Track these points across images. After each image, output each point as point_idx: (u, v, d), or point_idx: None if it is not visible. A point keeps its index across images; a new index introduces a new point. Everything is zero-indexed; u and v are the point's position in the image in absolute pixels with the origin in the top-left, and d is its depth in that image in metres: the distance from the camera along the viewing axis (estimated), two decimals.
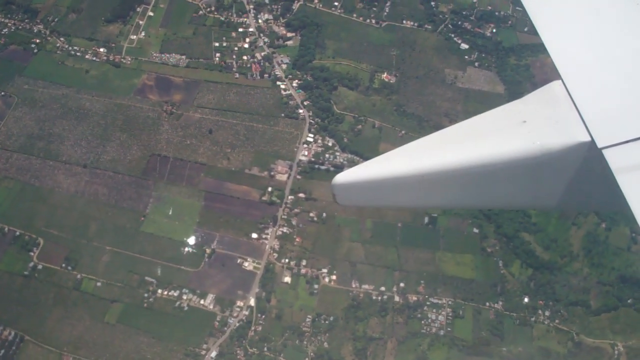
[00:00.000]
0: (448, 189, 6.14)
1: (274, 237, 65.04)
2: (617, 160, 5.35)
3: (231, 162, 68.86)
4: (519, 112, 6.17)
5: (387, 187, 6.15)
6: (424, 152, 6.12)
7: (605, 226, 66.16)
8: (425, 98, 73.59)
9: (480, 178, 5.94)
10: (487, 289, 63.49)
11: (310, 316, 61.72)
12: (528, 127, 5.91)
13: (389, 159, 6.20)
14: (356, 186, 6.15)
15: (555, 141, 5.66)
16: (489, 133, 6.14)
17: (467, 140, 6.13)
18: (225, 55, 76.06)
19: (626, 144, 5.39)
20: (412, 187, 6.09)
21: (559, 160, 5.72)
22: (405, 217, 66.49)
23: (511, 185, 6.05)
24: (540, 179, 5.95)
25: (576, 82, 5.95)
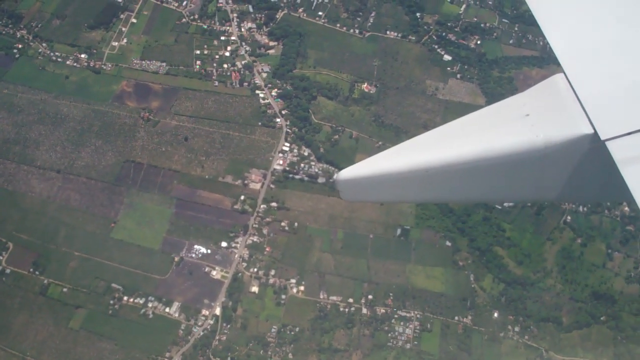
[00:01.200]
0: (451, 183, 6.35)
1: (243, 246, 66.20)
2: (620, 152, 5.49)
3: (205, 169, 70.19)
4: (522, 105, 6.34)
5: (391, 182, 6.41)
6: (427, 147, 6.37)
7: (580, 242, 66.80)
8: (405, 109, 74.60)
9: (484, 171, 6.13)
10: (457, 303, 64.10)
11: (275, 327, 62.67)
12: (531, 120, 6.07)
13: (393, 154, 6.51)
14: (360, 182, 6.52)
15: (559, 134, 5.81)
16: (493, 127, 6.34)
17: (470, 134, 6.35)
18: (205, 63, 77.63)
19: (629, 135, 5.52)
20: (415, 181, 6.32)
21: (562, 153, 5.86)
22: (377, 228, 67.45)
23: (515, 178, 6.24)
24: (544, 172, 6.11)
25: (578, 75, 6.09)
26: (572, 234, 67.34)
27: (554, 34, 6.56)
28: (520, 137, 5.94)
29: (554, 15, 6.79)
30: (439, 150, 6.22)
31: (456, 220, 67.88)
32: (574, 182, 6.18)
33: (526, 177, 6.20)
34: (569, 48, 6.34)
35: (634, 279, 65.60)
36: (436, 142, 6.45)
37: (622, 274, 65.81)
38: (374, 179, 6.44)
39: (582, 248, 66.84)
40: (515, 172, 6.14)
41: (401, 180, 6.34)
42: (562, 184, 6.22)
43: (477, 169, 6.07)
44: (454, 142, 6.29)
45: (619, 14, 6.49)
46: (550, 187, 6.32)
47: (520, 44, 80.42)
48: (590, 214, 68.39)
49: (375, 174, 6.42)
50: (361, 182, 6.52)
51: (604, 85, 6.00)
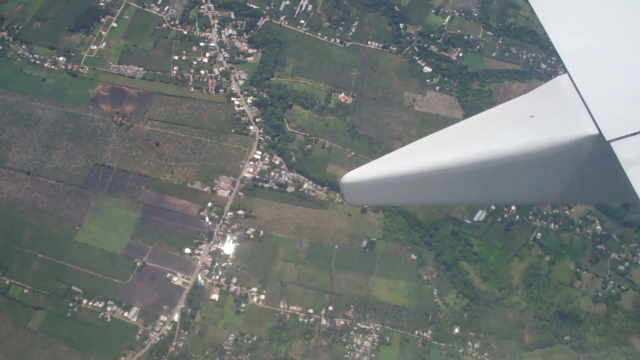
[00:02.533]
0: (456, 185, 6.48)
1: (207, 253, 67.89)
2: (625, 153, 5.61)
3: (174, 175, 72.28)
4: (526, 107, 6.51)
5: (395, 185, 6.53)
6: (431, 150, 6.53)
7: (549, 260, 67.79)
8: (380, 120, 76.20)
9: (489, 173, 6.27)
10: (418, 317, 65.41)
11: (233, 335, 64.37)
12: (536, 122, 6.22)
13: (397, 157, 6.58)
14: (364, 185, 6.57)
15: (563, 135, 5.95)
16: (497, 128, 6.50)
17: (474, 136, 6.52)
18: (183, 68, 79.92)
19: (634, 136, 5.65)
20: (420, 184, 6.45)
21: (567, 154, 5.99)
22: (343, 239, 68.99)
23: (520, 179, 6.36)
24: (549, 173, 6.24)
25: (582, 76, 6.23)
26: (541, 251, 68.36)
27: (558, 35, 6.70)
28: (525, 138, 6.12)
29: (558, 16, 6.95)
30: (443, 153, 6.39)
31: (424, 233, 69.21)
32: (579, 183, 6.34)
33: (531, 178, 6.34)
34: (573, 49, 6.50)
35: (601, 299, 66.39)
36: (440, 144, 6.61)
37: (589, 293, 66.65)
38: (378, 182, 6.52)
39: (550, 266, 67.81)
40: (519, 174, 6.28)
41: (405, 183, 6.47)
42: (567, 185, 6.37)
43: (481, 170, 6.23)
44: (458, 144, 6.46)
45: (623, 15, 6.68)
46: (555, 188, 6.46)
47: (502, 57, 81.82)
48: (561, 232, 69.39)
49: (380, 177, 6.49)
50: (365, 185, 6.57)
51: (608, 86, 6.16)
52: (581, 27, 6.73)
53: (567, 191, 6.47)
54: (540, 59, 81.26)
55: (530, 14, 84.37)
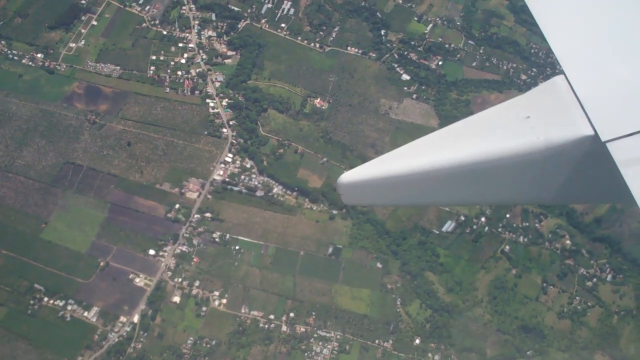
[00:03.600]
0: (452, 185, 6.56)
1: (171, 255, 68.72)
2: (621, 153, 5.68)
3: (144, 176, 73.20)
4: (522, 107, 6.58)
5: (392, 185, 6.63)
6: (428, 150, 6.59)
7: (515, 273, 68.18)
8: (354, 127, 76.89)
9: (485, 174, 6.34)
10: (380, 327, 65.98)
11: (192, 338, 65.12)
12: (532, 122, 6.29)
13: (394, 157, 6.68)
14: (362, 185, 6.67)
15: (559, 135, 6.02)
16: (493, 129, 6.57)
17: (471, 136, 6.58)
18: (160, 69, 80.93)
19: (630, 136, 5.71)
20: (417, 184, 6.55)
21: (563, 155, 6.06)
22: (309, 245, 69.67)
23: (516, 180, 6.45)
24: (545, 174, 6.32)
25: (579, 76, 6.31)
26: (508, 264, 68.79)
27: (555, 35, 6.79)
28: (521, 139, 6.18)
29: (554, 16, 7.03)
30: (439, 153, 6.46)
31: (391, 242, 69.80)
32: (575, 183, 6.43)
33: (527, 179, 6.43)
34: (569, 49, 6.61)
35: (566, 314, 66.78)
36: (437, 144, 6.69)
37: (555, 308, 67.02)
38: (375, 183, 6.62)
39: (517, 279, 68.25)
40: (516, 174, 6.36)
41: (402, 183, 6.56)
42: (563, 185, 6.45)
43: (478, 171, 6.30)
44: (454, 144, 6.53)
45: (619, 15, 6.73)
46: (551, 189, 6.56)
47: (483, 66, 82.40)
48: (529, 245, 69.83)
49: (376, 177, 6.59)
50: (362, 185, 6.69)
51: (604, 87, 6.23)
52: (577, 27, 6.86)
53: (563, 192, 6.60)
54: (520, 70, 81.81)
55: (514, 24, 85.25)
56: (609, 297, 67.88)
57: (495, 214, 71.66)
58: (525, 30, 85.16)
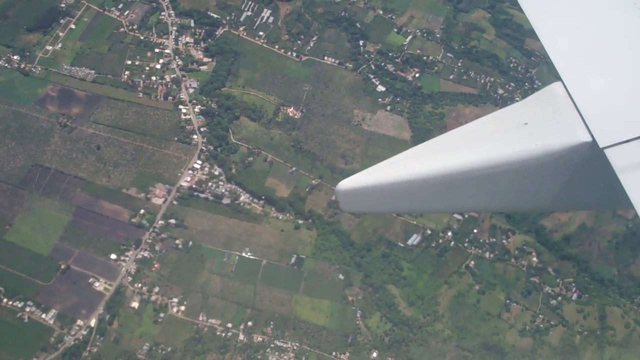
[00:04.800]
0: (450, 193, 6.60)
1: (132, 261, 69.81)
2: (619, 160, 5.71)
3: (111, 180, 74.51)
4: (520, 114, 6.60)
5: (391, 193, 6.67)
6: (427, 157, 6.65)
7: (479, 289, 68.69)
8: (326, 137, 77.99)
9: (483, 181, 6.36)
10: (338, 339, 66.69)
11: (148, 344, 66.09)
12: (529, 129, 6.33)
13: (392, 165, 6.70)
14: (360, 192, 6.71)
15: (557, 142, 6.05)
16: (491, 136, 6.57)
17: (468, 143, 6.60)
18: (134, 73, 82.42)
19: (628, 142, 5.75)
20: (415, 192, 6.58)
21: (561, 161, 6.10)
22: (272, 254, 70.63)
23: (514, 187, 6.48)
24: (543, 180, 6.38)
25: (576, 83, 6.35)
26: (472, 279, 69.44)
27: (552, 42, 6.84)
28: (519, 145, 6.21)
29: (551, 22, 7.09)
30: (437, 160, 6.49)
31: (355, 253, 70.60)
32: (573, 190, 6.48)
33: (525, 186, 6.47)
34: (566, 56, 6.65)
35: (528, 332, 67.32)
36: (434, 151, 6.73)
37: (517, 326, 67.58)
38: (373, 190, 6.67)
39: (480, 295, 68.86)
40: (514, 181, 6.41)
41: (400, 190, 6.60)
42: (561, 192, 6.51)
43: (475, 178, 6.33)
44: (452, 151, 6.57)
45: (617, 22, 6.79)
46: (549, 196, 6.62)
47: (460, 80, 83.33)
48: (495, 261, 70.47)
49: (374, 184, 6.63)
50: (360, 192, 6.73)
51: (602, 93, 6.24)
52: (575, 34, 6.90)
53: (561, 198, 6.67)
54: (498, 84, 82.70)
55: (495, 38, 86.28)
56: (573, 317, 68.38)
57: (462, 229, 72.41)
58: (506, 44, 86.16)
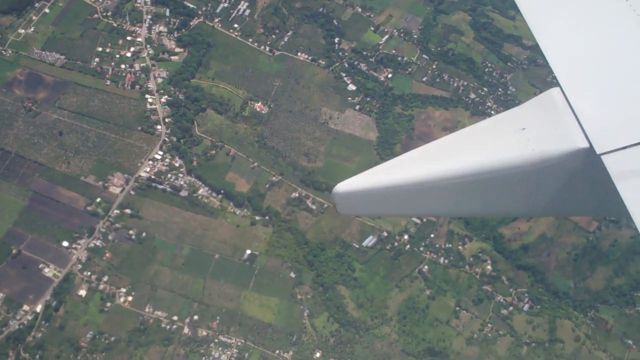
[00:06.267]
0: (448, 196, 6.81)
1: (84, 249, 71.38)
2: (615, 166, 5.88)
3: (70, 166, 76.13)
4: (518, 119, 6.82)
5: (387, 196, 6.87)
6: (424, 161, 6.86)
7: (429, 294, 69.64)
8: (291, 134, 79.23)
9: (480, 185, 6.56)
10: (283, 337, 68.00)
11: (92, 332, 67.58)
12: (527, 134, 6.54)
13: (390, 168, 6.95)
14: (357, 195, 6.90)
15: (554, 148, 6.25)
16: (489, 141, 6.82)
17: (466, 148, 6.85)
18: (104, 61, 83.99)
19: (624, 149, 5.93)
20: (412, 195, 6.79)
21: (558, 167, 6.29)
22: (225, 249, 71.92)
23: (511, 192, 6.69)
24: (540, 185, 6.55)
25: (574, 89, 6.57)
26: (424, 284, 70.44)
27: (551, 48, 7.08)
28: (517, 150, 6.41)
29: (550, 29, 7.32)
30: (435, 164, 6.70)
31: (309, 252, 71.80)
32: (570, 196, 6.64)
33: (522, 190, 6.65)
34: (565, 62, 6.88)
35: (476, 341, 68.22)
36: (432, 155, 6.94)
37: (464, 334, 68.51)
38: (371, 193, 6.84)
39: (430, 301, 69.89)
40: (511, 186, 6.58)
41: (397, 193, 6.78)
42: (558, 197, 6.67)
43: (473, 182, 6.52)
44: (450, 155, 6.79)
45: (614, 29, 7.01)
46: (546, 201, 6.77)
47: (433, 82, 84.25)
48: (449, 267, 71.35)
49: (372, 187, 6.81)
50: (357, 195, 6.91)
51: (599, 100, 6.45)
52: (573, 40, 7.13)
53: (558, 204, 6.83)
54: (471, 88, 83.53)
55: (472, 41, 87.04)
56: (522, 327, 69.25)
57: (419, 233, 73.43)
58: (483, 48, 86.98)
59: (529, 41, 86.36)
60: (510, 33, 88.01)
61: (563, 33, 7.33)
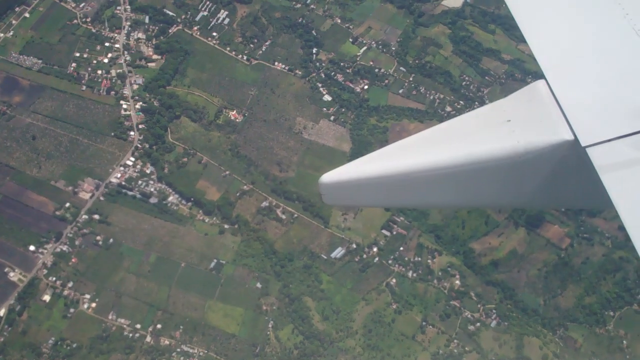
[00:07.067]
0: (433, 188, 6.83)
1: (50, 253, 70.52)
2: (600, 159, 5.90)
3: (41, 171, 75.43)
4: (503, 111, 6.82)
5: (373, 187, 6.87)
6: (410, 151, 6.86)
7: (396, 308, 68.67)
8: (265, 143, 78.50)
9: (466, 176, 6.58)
10: (246, 348, 67.10)
11: (54, 338, 66.62)
12: (512, 126, 6.54)
13: (376, 158, 6.95)
14: (343, 185, 6.92)
15: (540, 139, 6.25)
16: (474, 132, 6.80)
17: (452, 139, 6.84)
18: (81, 66, 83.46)
19: (609, 142, 5.95)
20: (398, 186, 6.81)
21: (543, 159, 6.29)
22: (192, 258, 71.04)
23: (496, 183, 6.68)
24: (525, 177, 6.56)
25: (560, 81, 6.58)
26: (390, 298, 69.47)
27: (536, 41, 7.07)
28: (502, 142, 6.40)
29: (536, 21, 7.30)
30: (420, 155, 6.69)
31: (276, 262, 70.94)
32: (555, 188, 6.68)
33: (507, 182, 6.64)
34: (550, 54, 6.89)
35: (441, 356, 67.32)
36: (418, 147, 6.93)
37: (430, 349, 67.57)
38: (356, 183, 6.87)
39: (396, 315, 68.97)
40: (496, 178, 6.58)
41: (383, 184, 6.78)
42: (542, 190, 6.68)
43: (458, 173, 6.54)
44: (436, 147, 6.78)
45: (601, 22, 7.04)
46: (531, 193, 6.78)
47: (409, 95, 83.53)
48: (417, 281, 70.39)
49: (358, 177, 6.84)
50: (343, 186, 6.92)
51: (585, 92, 6.47)
52: (559, 33, 7.13)
53: (543, 196, 6.85)
54: (447, 101, 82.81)
55: (451, 54, 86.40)
56: (489, 344, 68.25)
57: (388, 245, 72.57)
58: (461, 62, 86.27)
59: (508, 55, 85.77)
60: (490, 47, 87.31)
61: (549, 25, 7.31)
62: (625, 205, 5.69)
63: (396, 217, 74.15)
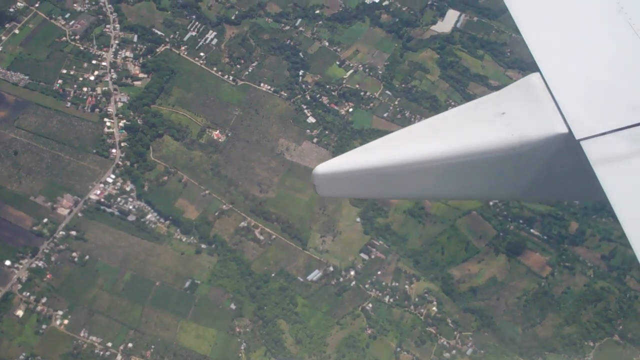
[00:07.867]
0: (427, 180, 6.83)
1: (25, 269, 69.80)
2: (594, 152, 5.92)
3: (21, 186, 74.98)
4: (498, 103, 6.84)
5: (367, 178, 6.86)
6: (405, 143, 6.86)
7: (370, 333, 67.56)
8: (246, 163, 77.94)
9: (460, 169, 6.59)
10: None
11: (25, 354, 65.81)
12: (507, 119, 6.56)
13: (370, 150, 6.92)
14: (337, 177, 6.88)
15: (534, 132, 6.28)
16: (469, 124, 6.77)
17: (447, 131, 6.81)
18: (67, 83, 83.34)
19: (603, 135, 5.98)
20: (392, 177, 6.79)
21: (537, 152, 6.32)
22: (168, 277, 70.25)
23: (490, 176, 6.72)
24: (519, 170, 6.58)
25: (554, 75, 6.59)
26: (365, 323, 68.44)
27: (531, 33, 7.07)
28: (496, 135, 6.42)
29: (531, 14, 7.28)
30: (414, 147, 6.68)
31: (252, 284, 70.10)
32: (549, 181, 6.71)
33: (501, 175, 6.68)
34: (545, 48, 6.89)
35: None
36: (412, 138, 6.92)
37: None
38: (351, 174, 6.83)
39: (370, 340, 67.83)
40: (490, 170, 6.60)
41: (377, 175, 6.77)
42: (536, 183, 6.70)
43: (452, 166, 6.55)
44: (430, 139, 6.75)
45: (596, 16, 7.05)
46: (525, 186, 6.81)
47: (394, 118, 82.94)
48: (394, 306, 69.32)
49: (351, 168, 6.80)
50: (337, 177, 6.88)
51: (579, 85, 6.47)
52: (554, 26, 7.12)
53: (537, 189, 6.86)
54: None
55: (438, 79, 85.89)
56: None
57: (366, 269, 71.62)
58: (448, 87, 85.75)
59: (496, 82, 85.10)
60: (477, 72, 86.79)
61: (544, 18, 7.27)
62: (619, 198, 5.72)
63: (375, 240, 73.12)
